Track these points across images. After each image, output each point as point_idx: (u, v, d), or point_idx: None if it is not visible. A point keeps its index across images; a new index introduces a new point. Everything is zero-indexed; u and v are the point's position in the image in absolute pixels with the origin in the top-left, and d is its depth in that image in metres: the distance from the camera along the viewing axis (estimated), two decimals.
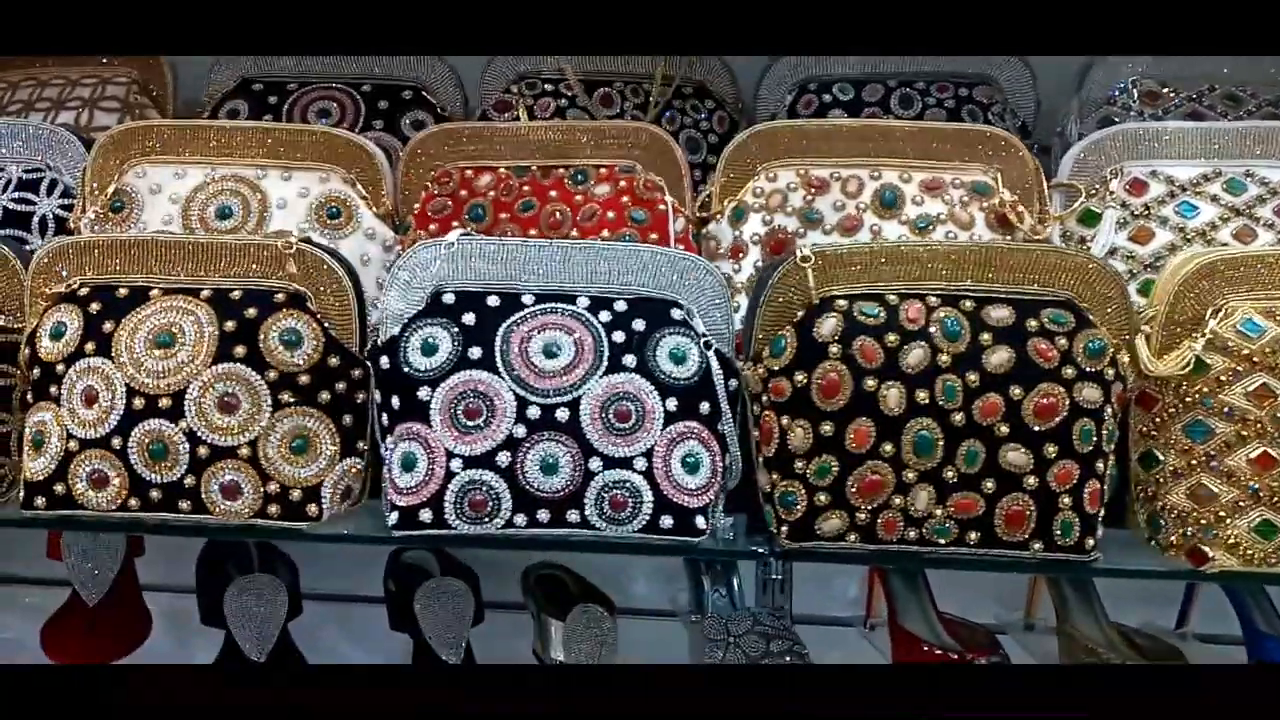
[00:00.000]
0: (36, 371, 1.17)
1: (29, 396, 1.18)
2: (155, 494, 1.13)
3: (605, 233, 1.27)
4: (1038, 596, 1.62)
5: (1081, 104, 1.54)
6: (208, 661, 1.59)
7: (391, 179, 1.37)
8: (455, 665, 1.51)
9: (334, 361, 1.16)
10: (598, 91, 1.54)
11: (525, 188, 1.33)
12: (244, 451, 1.13)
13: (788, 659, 1.42)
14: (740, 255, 1.30)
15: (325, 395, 1.16)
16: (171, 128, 1.37)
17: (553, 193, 1.32)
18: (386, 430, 1.15)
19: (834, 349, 1.09)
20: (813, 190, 1.29)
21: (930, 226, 1.27)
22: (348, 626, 1.83)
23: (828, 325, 1.10)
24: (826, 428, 1.08)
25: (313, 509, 1.15)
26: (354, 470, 1.18)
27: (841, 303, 1.11)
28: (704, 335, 1.14)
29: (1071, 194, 1.30)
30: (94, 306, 1.17)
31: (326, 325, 1.16)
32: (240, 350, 1.14)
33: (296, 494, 1.14)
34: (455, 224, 1.32)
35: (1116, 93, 1.53)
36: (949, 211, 1.28)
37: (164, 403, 1.12)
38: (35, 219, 1.37)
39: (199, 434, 1.12)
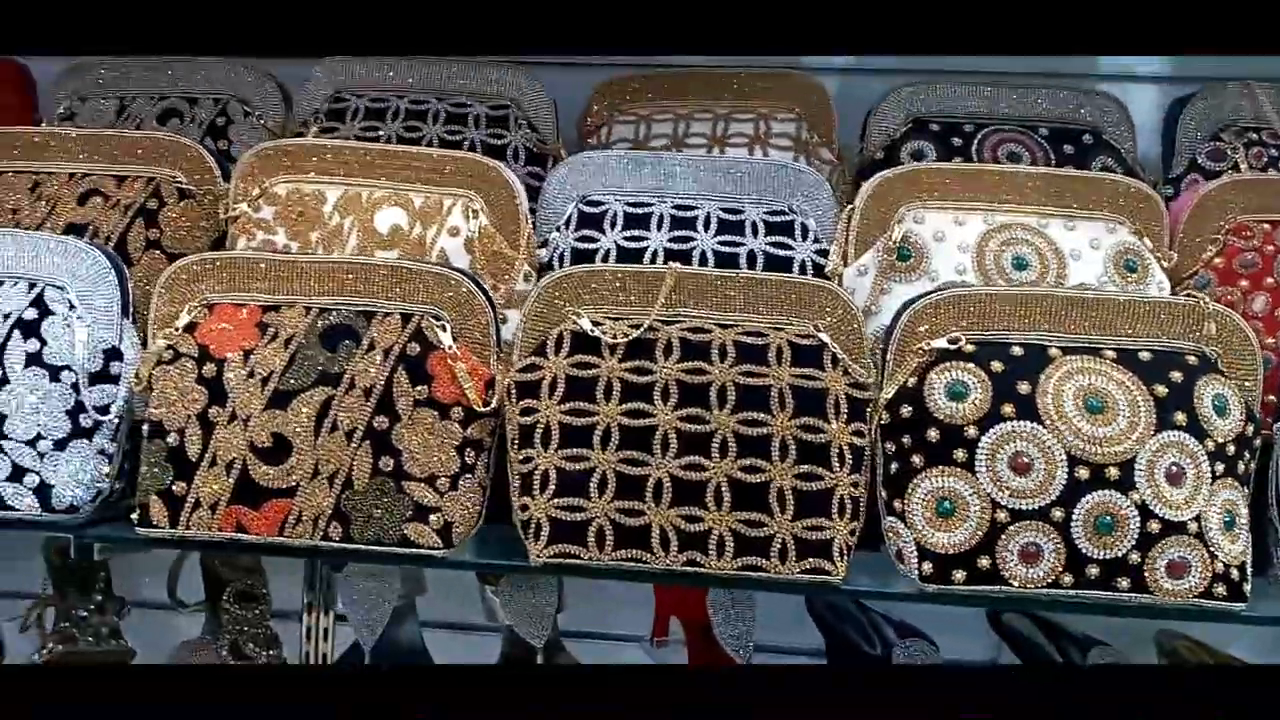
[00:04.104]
0: (934, 434, 1.10)
1: (917, 459, 1.10)
2: (1093, 570, 1.06)
3: None
4: None
5: None
6: None
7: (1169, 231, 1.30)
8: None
9: (1249, 430, 1.10)
10: None
11: None
12: (1192, 526, 1.06)
13: None
14: None
15: (1242, 466, 1.10)
16: (949, 173, 1.30)
17: None
18: None
19: None
20: None
21: None
22: None
23: None
24: None
25: (1247, 588, 1.08)
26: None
27: None
28: None
29: None
30: (995, 365, 1.10)
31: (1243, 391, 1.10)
32: (1180, 417, 1.07)
33: (1235, 573, 1.08)
34: (1269, 279, 1.26)
35: None
36: None
37: (1111, 473, 1.05)
38: (795, 266, 1.30)
39: (1150, 507, 1.05)
